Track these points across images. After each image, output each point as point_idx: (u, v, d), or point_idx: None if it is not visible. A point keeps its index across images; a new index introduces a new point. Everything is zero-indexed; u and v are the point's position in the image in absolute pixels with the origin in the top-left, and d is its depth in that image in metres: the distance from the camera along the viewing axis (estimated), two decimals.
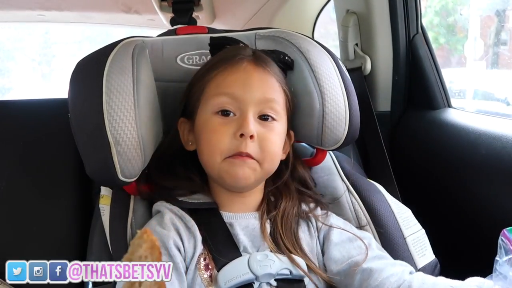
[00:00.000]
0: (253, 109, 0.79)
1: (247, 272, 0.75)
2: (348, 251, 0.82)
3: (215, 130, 0.79)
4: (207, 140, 0.80)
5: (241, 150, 0.77)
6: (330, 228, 0.85)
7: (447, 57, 2.23)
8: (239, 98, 0.79)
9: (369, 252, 0.80)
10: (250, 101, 0.79)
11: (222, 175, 0.80)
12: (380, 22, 1.32)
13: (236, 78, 0.80)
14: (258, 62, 0.83)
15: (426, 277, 0.76)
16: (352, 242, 0.83)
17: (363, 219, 0.91)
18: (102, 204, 0.86)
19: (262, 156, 0.79)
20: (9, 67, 4.96)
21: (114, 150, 0.76)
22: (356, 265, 0.79)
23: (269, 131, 0.80)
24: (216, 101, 0.80)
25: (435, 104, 1.31)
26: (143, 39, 0.91)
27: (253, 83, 0.80)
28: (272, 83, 0.83)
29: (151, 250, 0.45)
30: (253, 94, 0.79)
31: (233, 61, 0.82)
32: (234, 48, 0.87)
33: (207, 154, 0.80)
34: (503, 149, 1.02)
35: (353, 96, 0.92)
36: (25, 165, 1.09)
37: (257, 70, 0.82)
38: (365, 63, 1.35)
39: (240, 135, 0.77)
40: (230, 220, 0.82)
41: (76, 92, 0.82)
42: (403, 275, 0.76)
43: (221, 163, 0.78)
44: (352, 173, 0.98)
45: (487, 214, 1.06)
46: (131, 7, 1.90)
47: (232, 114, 0.79)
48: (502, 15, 1.82)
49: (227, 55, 0.84)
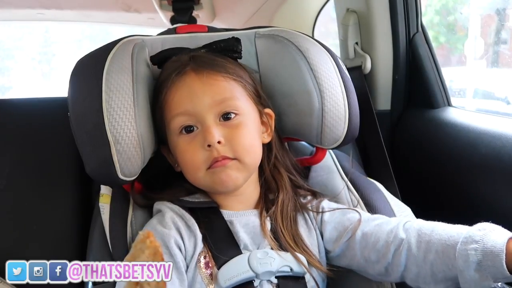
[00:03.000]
0: (211, 115, 0.79)
1: (248, 270, 0.76)
2: (342, 224, 0.83)
3: (185, 150, 0.80)
4: (183, 161, 0.82)
5: (215, 156, 0.78)
6: (323, 215, 0.86)
7: (447, 56, 2.24)
8: (192, 112, 0.79)
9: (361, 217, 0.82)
10: (203, 110, 0.79)
11: (211, 185, 0.81)
12: (380, 21, 1.31)
13: (180, 95, 0.81)
14: (198, 69, 0.81)
15: (423, 228, 0.75)
16: (344, 215, 0.84)
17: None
18: (102, 203, 0.86)
19: (238, 154, 0.79)
20: (9, 66, 4.97)
21: (114, 149, 0.76)
22: (352, 233, 0.81)
23: (235, 129, 0.80)
24: (175, 123, 0.81)
25: (435, 103, 1.31)
26: (143, 38, 0.91)
27: (198, 93, 0.80)
28: (218, 83, 0.81)
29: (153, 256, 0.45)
30: (203, 103, 0.79)
31: (173, 79, 0.82)
32: (170, 63, 0.85)
33: (189, 172, 0.82)
34: (503, 148, 1.02)
35: (353, 95, 0.92)
36: (25, 164, 1.09)
37: (199, 77, 0.81)
38: (365, 62, 1.35)
39: (208, 146, 0.78)
40: (230, 218, 0.83)
41: (75, 90, 0.82)
42: (398, 231, 0.76)
43: (204, 176, 0.80)
44: (351, 171, 0.98)
45: (487, 213, 1.05)
46: (131, 6, 1.90)
47: (195, 127, 0.80)
48: (503, 14, 1.81)
49: (165, 74, 0.84)
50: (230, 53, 0.86)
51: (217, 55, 0.85)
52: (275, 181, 0.88)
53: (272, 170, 0.89)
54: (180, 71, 0.82)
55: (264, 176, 0.88)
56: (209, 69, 0.81)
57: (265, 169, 0.88)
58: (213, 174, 0.79)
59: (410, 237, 0.75)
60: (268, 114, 0.88)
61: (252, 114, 0.84)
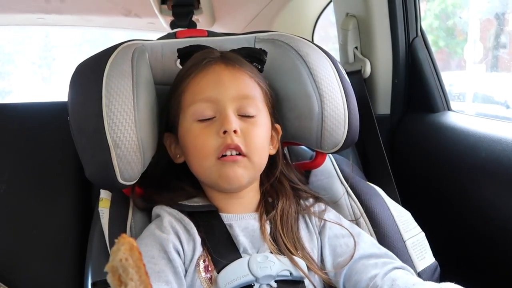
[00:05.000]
0: (231, 107, 0.79)
1: (247, 274, 0.75)
2: (334, 248, 0.83)
3: (198, 135, 0.79)
4: (193, 146, 0.80)
5: (228, 143, 0.77)
6: (324, 223, 0.86)
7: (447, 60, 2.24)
8: (215, 99, 0.79)
9: (355, 252, 0.81)
10: (226, 100, 0.79)
11: (215, 179, 0.80)
12: (380, 25, 1.32)
13: (207, 81, 0.81)
14: (227, 61, 0.83)
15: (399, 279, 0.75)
16: (339, 238, 0.84)
17: (362, 222, 0.91)
18: (102, 207, 0.86)
19: (249, 150, 0.79)
20: (9, 70, 4.98)
21: (114, 153, 0.76)
22: (339, 266, 0.81)
23: (251, 125, 0.80)
24: (194, 109, 0.80)
25: (435, 107, 1.31)
26: (143, 42, 0.91)
27: (225, 82, 0.81)
28: (245, 79, 0.83)
29: (130, 251, 0.45)
30: (227, 92, 0.80)
31: (202, 66, 0.82)
32: (201, 53, 0.86)
33: (196, 160, 0.81)
34: (502, 152, 1.02)
35: (353, 99, 0.92)
36: (25, 168, 1.09)
37: (228, 69, 0.82)
38: (364, 66, 1.35)
39: (223, 132, 0.77)
40: (229, 221, 0.82)
41: (76, 95, 0.82)
42: (377, 279, 0.76)
43: (212, 166, 0.79)
44: (351, 176, 0.98)
45: (487, 217, 1.06)
46: (131, 10, 1.91)
47: (213, 117, 0.80)
48: (502, 18, 1.82)
49: (195, 61, 0.84)
50: (256, 61, 0.88)
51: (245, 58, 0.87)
52: (276, 189, 0.88)
53: (273, 182, 0.89)
54: (210, 60, 0.83)
55: (265, 186, 0.88)
56: (238, 65, 0.83)
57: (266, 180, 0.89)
58: (221, 167, 0.78)
59: (384, 286, 0.75)
60: (277, 129, 0.90)
61: (267, 121, 0.85)
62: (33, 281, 0.99)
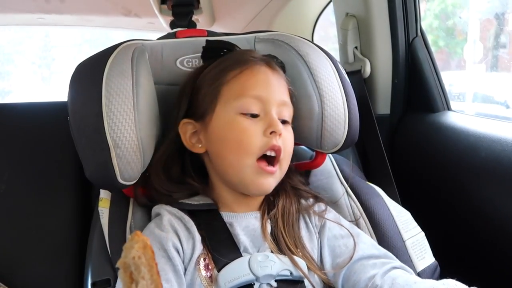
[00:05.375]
0: (275, 110, 0.81)
1: (248, 273, 0.76)
2: (333, 249, 0.83)
3: (245, 129, 0.79)
4: (237, 140, 0.79)
5: (273, 143, 0.78)
6: (324, 223, 0.86)
7: (447, 60, 2.24)
8: (264, 99, 0.80)
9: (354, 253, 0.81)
10: (273, 102, 0.81)
11: (247, 181, 0.80)
12: (380, 25, 1.32)
13: (258, 79, 0.82)
14: (272, 65, 0.85)
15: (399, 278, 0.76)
16: (338, 238, 0.84)
17: (361, 222, 0.91)
18: (101, 207, 0.86)
19: (284, 155, 0.81)
20: (9, 70, 4.98)
21: (114, 153, 0.76)
22: (338, 267, 0.81)
23: (287, 132, 0.83)
24: (241, 103, 0.80)
25: (435, 107, 1.31)
26: (142, 42, 0.91)
27: (274, 85, 0.82)
28: (285, 86, 0.85)
29: (143, 249, 0.45)
30: (275, 95, 0.81)
31: (249, 64, 0.83)
32: (243, 52, 0.88)
33: (234, 155, 0.80)
34: (502, 152, 1.02)
35: (353, 99, 0.92)
36: (25, 168, 1.08)
37: (273, 73, 0.84)
38: (364, 66, 1.35)
39: (270, 133, 0.78)
40: (230, 220, 0.82)
41: (75, 95, 0.82)
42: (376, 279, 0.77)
43: (249, 166, 0.79)
44: (351, 176, 0.98)
45: (487, 217, 1.06)
46: (131, 10, 1.91)
47: (258, 115, 0.80)
48: (502, 18, 1.82)
49: (240, 57, 0.85)
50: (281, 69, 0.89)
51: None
52: (277, 188, 0.88)
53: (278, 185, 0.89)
54: (256, 60, 0.84)
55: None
56: (279, 71, 0.85)
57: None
58: (258, 175, 0.79)
59: (384, 285, 0.75)
60: None
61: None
62: (33, 281, 0.99)
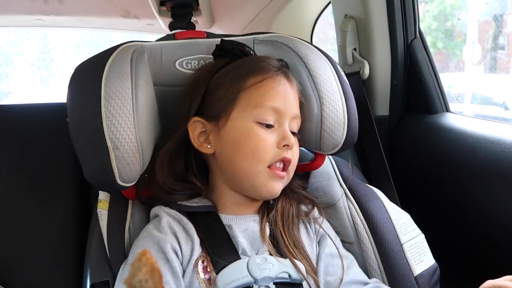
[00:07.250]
0: (288, 123, 0.83)
1: (246, 275, 0.75)
2: (326, 266, 0.83)
3: (261, 139, 0.81)
4: (252, 147, 0.81)
5: (285, 156, 0.81)
6: (323, 235, 0.86)
7: (445, 61, 2.25)
8: (280, 111, 0.82)
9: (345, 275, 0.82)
10: (288, 115, 0.83)
11: (258, 184, 0.82)
12: (378, 27, 1.32)
13: (277, 91, 0.83)
14: (289, 77, 0.86)
15: None
16: (333, 258, 0.84)
17: (359, 225, 0.91)
18: (100, 209, 0.86)
19: (292, 166, 0.84)
20: (8, 71, 4.97)
21: (113, 155, 0.76)
22: (328, 286, 0.81)
23: (296, 144, 0.84)
24: (259, 112, 0.81)
25: (433, 108, 1.31)
26: (142, 43, 0.91)
27: (290, 99, 0.84)
28: (297, 100, 0.86)
29: (151, 273, 0.45)
30: (291, 109, 0.84)
31: (270, 73, 0.83)
32: (262, 59, 0.87)
33: (247, 161, 0.81)
34: (501, 153, 1.02)
35: (352, 101, 0.92)
36: (24, 170, 1.08)
37: (291, 85, 0.85)
38: (363, 68, 1.35)
39: (283, 145, 0.81)
40: (229, 222, 0.82)
41: (74, 96, 0.82)
42: None
43: (261, 172, 0.81)
44: (350, 178, 0.98)
45: (486, 218, 1.06)
46: (130, 12, 1.91)
47: (272, 125, 0.82)
48: (500, 20, 1.83)
49: (261, 65, 0.85)
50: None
51: None
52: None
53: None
54: (277, 70, 0.84)
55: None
56: (295, 84, 0.87)
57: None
58: (271, 179, 0.81)
59: None
60: None
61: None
62: (32, 283, 0.99)
